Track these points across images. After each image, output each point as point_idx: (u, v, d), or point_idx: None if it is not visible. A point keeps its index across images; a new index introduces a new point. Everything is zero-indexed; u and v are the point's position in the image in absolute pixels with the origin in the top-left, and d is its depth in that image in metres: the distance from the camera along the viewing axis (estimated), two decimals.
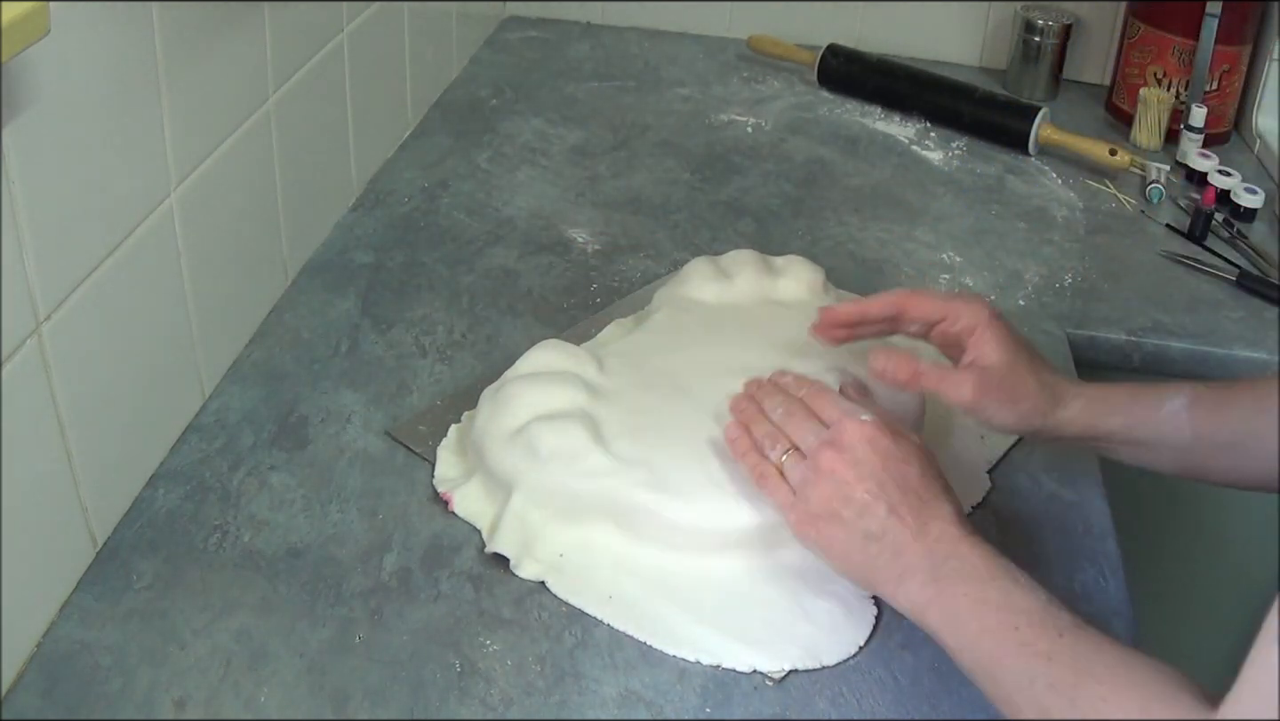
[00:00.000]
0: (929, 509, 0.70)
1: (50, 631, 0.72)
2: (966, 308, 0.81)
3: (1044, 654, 0.61)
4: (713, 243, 1.18)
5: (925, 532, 0.69)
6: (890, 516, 0.69)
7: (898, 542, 0.69)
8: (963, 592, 0.66)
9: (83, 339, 0.73)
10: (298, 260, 1.08)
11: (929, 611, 0.67)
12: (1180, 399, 0.78)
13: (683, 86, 1.53)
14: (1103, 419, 0.79)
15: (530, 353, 0.88)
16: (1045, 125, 1.40)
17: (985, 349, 0.79)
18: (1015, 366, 0.79)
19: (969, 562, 0.67)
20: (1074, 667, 0.60)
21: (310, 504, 0.83)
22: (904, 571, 0.68)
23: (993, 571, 0.66)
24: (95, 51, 0.72)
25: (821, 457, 0.72)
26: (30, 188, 0.66)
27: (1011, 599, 0.64)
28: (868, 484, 0.70)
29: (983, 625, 0.64)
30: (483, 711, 0.69)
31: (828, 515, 0.71)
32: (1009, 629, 0.63)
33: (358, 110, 1.17)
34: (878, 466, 0.71)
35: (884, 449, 0.71)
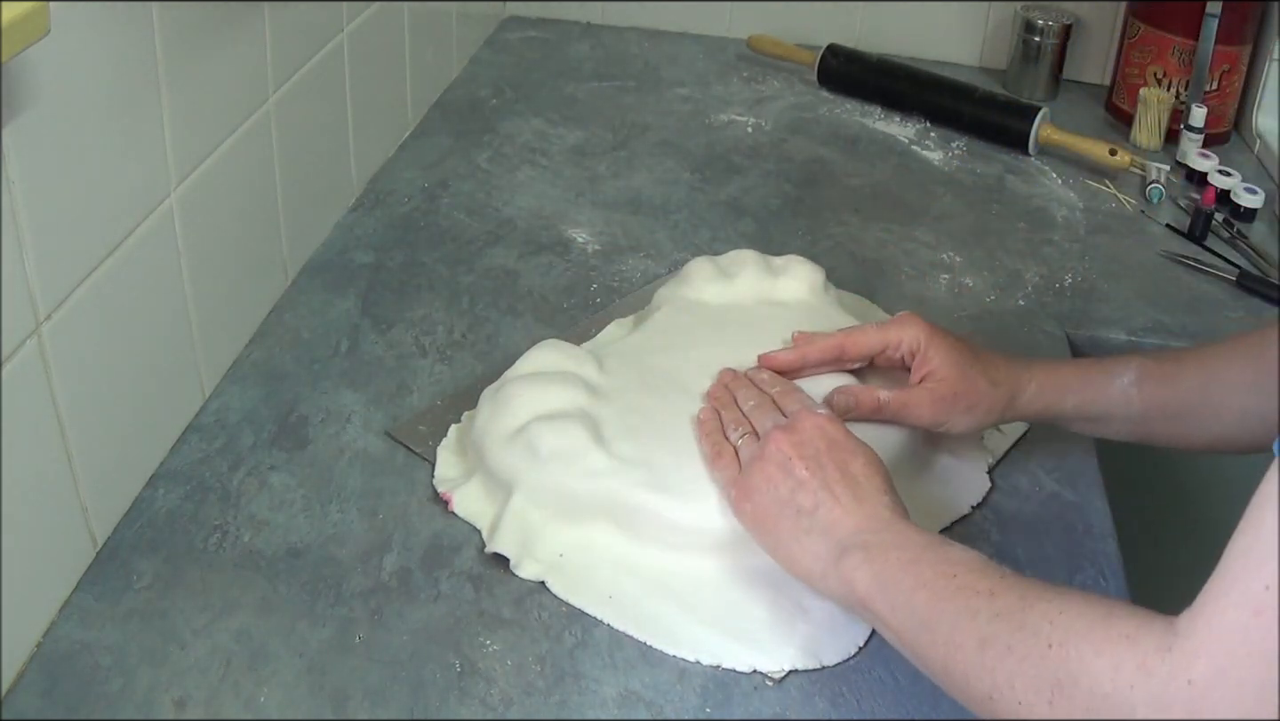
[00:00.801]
0: (864, 493, 0.70)
1: (50, 631, 0.72)
2: (904, 331, 0.83)
3: (986, 591, 0.59)
4: (713, 243, 1.18)
5: (858, 510, 0.69)
6: (824, 492, 0.70)
7: (830, 518, 0.69)
8: (894, 557, 0.65)
9: (83, 339, 0.73)
10: (298, 260, 1.08)
11: (857, 580, 0.65)
12: (1129, 374, 0.81)
13: (683, 86, 1.53)
14: (1056, 401, 0.83)
15: (530, 352, 0.88)
16: (1045, 125, 1.40)
17: (931, 366, 0.82)
18: (965, 374, 0.81)
19: (903, 534, 0.67)
20: (1020, 595, 0.58)
21: (310, 504, 0.83)
22: (833, 548, 0.68)
23: (927, 540, 0.66)
24: (95, 51, 0.72)
25: (770, 438, 0.73)
26: (30, 188, 0.66)
27: (948, 555, 0.64)
28: (808, 462, 0.71)
29: (918, 579, 0.63)
30: (483, 711, 0.69)
31: (766, 488, 0.72)
32: (946, 577, 0.62)
33: (358, 110, 1.17)
34: (821, 449, 0.71)
35: (832, 436, 0.72)
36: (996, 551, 0.82)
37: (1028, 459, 0.91)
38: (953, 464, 0.88)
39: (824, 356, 0.85)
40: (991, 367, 0.82)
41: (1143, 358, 0.82)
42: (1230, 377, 0.79)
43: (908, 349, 0.83)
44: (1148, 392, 0.81)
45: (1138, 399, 0.81)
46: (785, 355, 0.86)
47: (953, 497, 0.86)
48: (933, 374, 0.82)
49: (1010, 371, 0.83)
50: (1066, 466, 0.91)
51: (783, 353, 0.86)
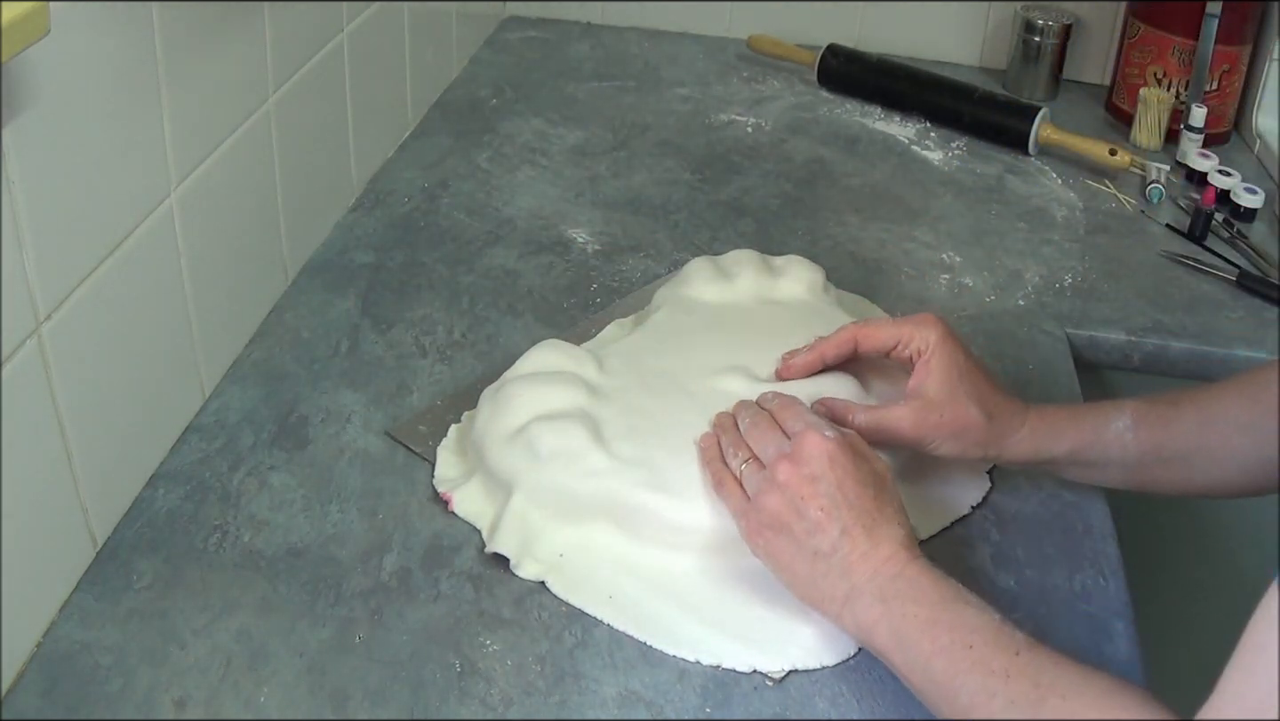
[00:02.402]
0: (880, 531, 0.69)
1: (50, 631, 0.72)
2: (917, 331, 0.81)
3: (1001, 671, 0.61)
4: (713, 243, 1.18)
5: (874, 554, 0.68)
6: (842, 537, 0.69)
7: (846, 562, 0.69)
8: (913, 613, 0.65)
9: (83, 339, 0.73)
10: (298, 260, 1.08)
11: (876, 631, 0.67)
12: (1125, 419, 0.79)
13: (683, 86, 1.53)
14: (1048, 445, 0.80)
15: (530, 352, 0.88)
16: (1045, 125, 1.40)
17: (928, 378, 0.80)
18: (957, 397, 0.79)
19: (918, 584, 0.67)
20: (1035, 682, 0.59)
21: (310, 504, 0.83)
22: (851, 591, 0.68)
23: (943, 593, 0.66)
24: (95, 51, 0.72)
25: (778, 469, 0.71)
26: (30, 188, 0.66)
27: (963, 618, 0.64)
28: (822, 501, 0.70)
29: (935, 645, 0.64)
30: (483, 711, 0.69)
31: (778, 527, 0.71)
32: (963, 647, 0.62)
33: (358, 110, 1.17)
34: (833, 484, 0.70)
35: (842, 466, 0.70)
36: (996, 551, 0.82)
37: None
38: (953, 464, 0.88)
39: (840, 350, 0.84)
40: (988, 398, 0.80)
41: (1138, 401, 0.81)
42: (1228, 419, 0.78)
43: (916, 349, 0.81)
44: (1143, 437, 0.79)
45: (1133, 444, 0.79)
46: (804, 359, 0.85)
47: (953, 497, 0.86)
48: (926, 387, 0.79)
49: (1008, 408, 0.80)
50: None
51: (801, 357, 0.85)
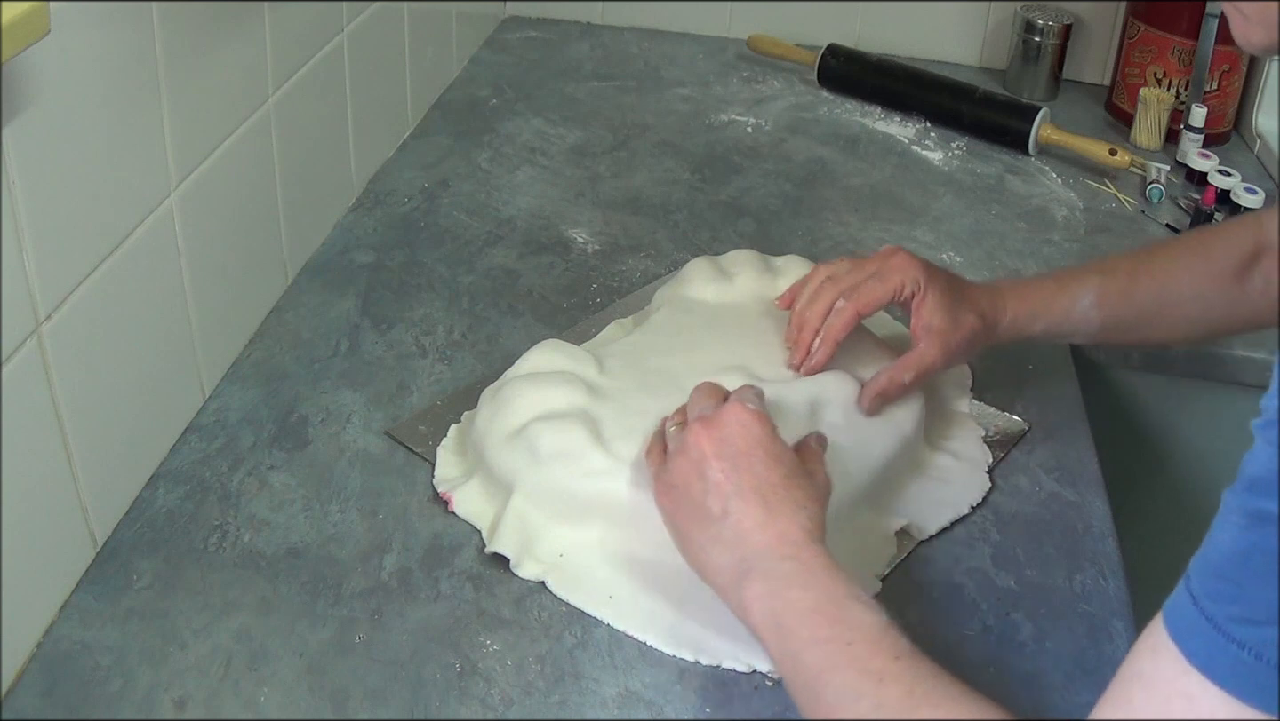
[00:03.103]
0: (779, 507, 0.66)
1: (50, 631, 0.72)
2: (904, 275, 0.85)
3: (876, 674, 0.58)
4: (713, 243, 1.18)
5: (769, 526, 0.66)
6: (737, 500, 0.67)
7: (738, 529, 0.66)
8: (795, 598, 0.62)
9: (83, 339, 0.73)
10: (298, 260, 1.08)
11: (753, 610, 0.64)
12: (1090, 296, 0.88)
13: (683, 86, 1.53)
14: (1027, 326, 0.89)
15: (530, 353, 0.88)
16: (1045, 125, 1.40)
17: (931, 310, 0.85)
18: (959, 318, 0.85)
19: (808, 571, 0.63)
20: (909, 691, 0.57)
21: (310, 504, 0.83)
22: (738, 564, 0.65)
23: (833, 586, 0.63)
24: (95, 51, 0.72)
25: (692, 429, 0.70)
26: (30, 188, 0.66)
27: (848, 613, 0.61)
28: (724, 464, 0.68)
29: (813, 635, 0.61)
30: (483, 711, 0.69)
31: (681, 487, 0.69)
32: (841, 642, 0.60)
33: (358, 110, 1.17)
34: (741, 450, 0.68)
35: (755, 438, 0.69)
36: (996, 551, 0.82)
37: (1028, 459, 0.91)
38: (953, 464, 0.88)
39: (848, 329, 0.85)
40: (977, 303, 0.86)
41: (1099, 276, 0.89)
42: (1179, 290, 0.88)
43: (909, 292, 0.85)
44: (1106, 312, 0.88)
45: (1097, 318, 0.88)
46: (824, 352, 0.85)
47: (953, 497, 0.86)
48: (933, 321, 0.84)
49: (990, 302, 0.87)
50: (1066, 466, 0.91)
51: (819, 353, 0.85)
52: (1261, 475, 0.46)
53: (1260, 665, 0.45)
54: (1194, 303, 0.88)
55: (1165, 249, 0.90)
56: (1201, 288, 0.87)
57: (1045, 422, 0.94)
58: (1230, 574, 0.46)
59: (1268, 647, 0.44)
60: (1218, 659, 0.46)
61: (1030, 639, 0.76)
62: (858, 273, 0.87)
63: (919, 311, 0.85)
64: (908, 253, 0.86)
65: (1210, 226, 0.98)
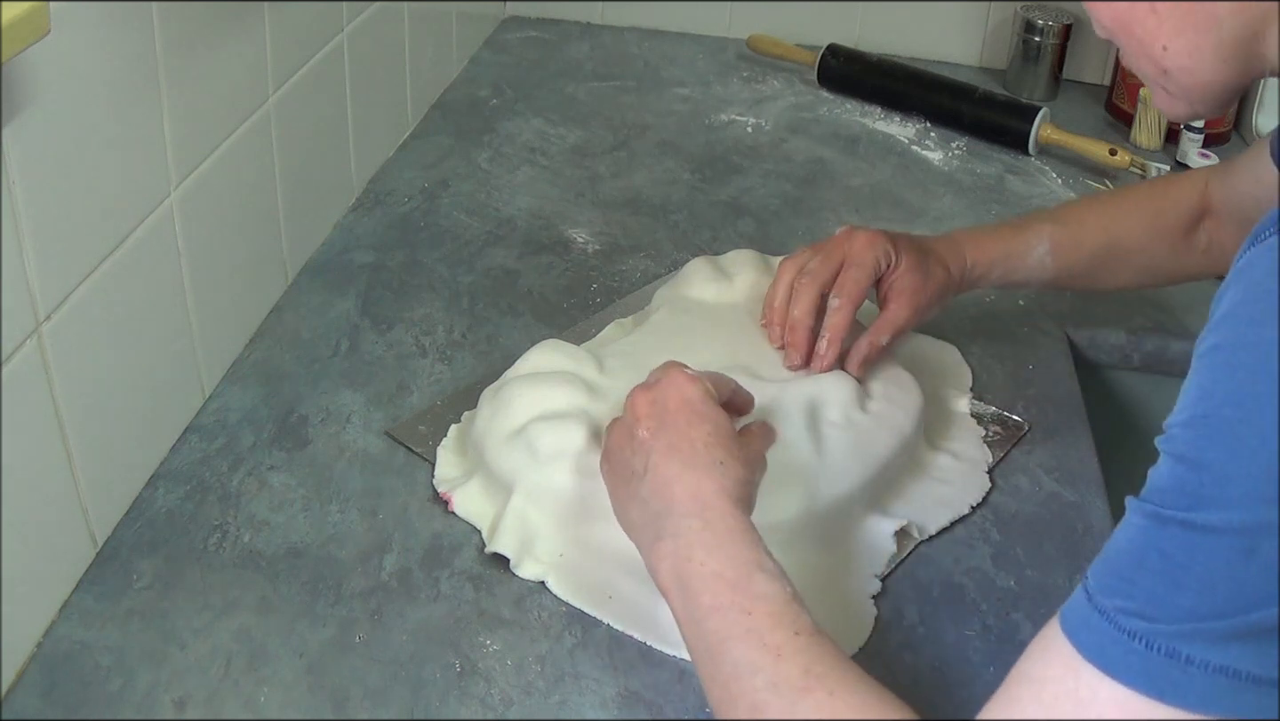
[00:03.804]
0: (701, 467, 0.66)
1: (50, 631, 0.72)
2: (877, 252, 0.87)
3: (774, 648, 0.58)
4: (713, 243, 1.18)
5: (681, 482, 0.65)
6: (658, 456, 0.67)
7: (654, 485, 0.66)
8: (701, 560, 0.62)
9: (83, 339, 0.73)
10: (298, 260, 1.08)
11: (661, 570, 0.64)
12: (1044, 244, 0.92)
13: (683, 86, 1.53)
14: (985, 275, 0.92)
15: (530, 353, 0.88)
16: (1045, 125, 1.40)
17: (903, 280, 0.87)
18: (929, 276, 0.88)
19: (720, 536, 0.63)
20: (806, 670, 0.57)
21: (310, 504, 0.83)
22: (653, 520, 0.65)
23: (741, 548, 0.62)
24: (95, 51, 0.72)
25: (632, 395, 0.71)
26: (30, 188, 0.66)
27: (753, 582, 0.61)
28: (650, 423, 0.68)
29: (715, 600, 0.60)
30: (483, 711, 0.69)
31: (615, 448, 0.71)
32: (741, 612, 0.59)
33: (358, 110, 1.17)
34: (669, 410, 0.68)
35: (687, 398, 0.69)
36: (996, 551, 0.82)
37: (1028, 459, 0.91)
38: (953, 464, 0.88)
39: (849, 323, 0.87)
40: (940, 255, 0.89)
41: (1053, 225, 0.93)
42: (1128, 240, 0.92)
43: (885, 265, 0.87)
44: (1059, 260, 0.92)
45: (1050, 266, 0.92)
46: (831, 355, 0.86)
47: (953, 497, 0.86)
48: (900, 283, 0.87)
49: (952, 254, 0.90)
50: (1066, 466, 0.90)
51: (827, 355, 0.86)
52: (1161, 485, 0.49)
53: (1150, 654, 0.47)
54: (1141, 255, 0.93)
55: (1114, 201, 0.96)
56: (1148, 242, 0.92)
57: (1045, 423, 0.94)
58: (1125, 572, 0.49)
59: (1156, 639, 0.47)
60: (1109, 650, 0.48)
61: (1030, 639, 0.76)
62: (827, 261, 0.87)
63: (890, 277, 0.88)
64: (865, 229, 0.88)
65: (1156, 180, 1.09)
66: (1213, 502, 0.46)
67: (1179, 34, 0.58)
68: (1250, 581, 0.45)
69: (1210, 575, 0.46)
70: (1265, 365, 0.45)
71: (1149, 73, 0.62)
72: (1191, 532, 0.47)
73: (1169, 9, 0.57)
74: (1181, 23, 0.57)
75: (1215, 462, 0.46)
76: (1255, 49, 0.57)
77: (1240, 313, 0.48)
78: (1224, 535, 0.46)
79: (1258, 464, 0.45)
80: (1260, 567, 0.45)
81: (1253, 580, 0.45)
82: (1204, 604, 0.46)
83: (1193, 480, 0.47)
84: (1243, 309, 0.47)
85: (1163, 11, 0.57)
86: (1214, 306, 0.50)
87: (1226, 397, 0.46)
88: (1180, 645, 0.46)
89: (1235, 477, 0.45)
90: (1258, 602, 0.45)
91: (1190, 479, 0.47)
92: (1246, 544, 0.45)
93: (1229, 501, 0.46)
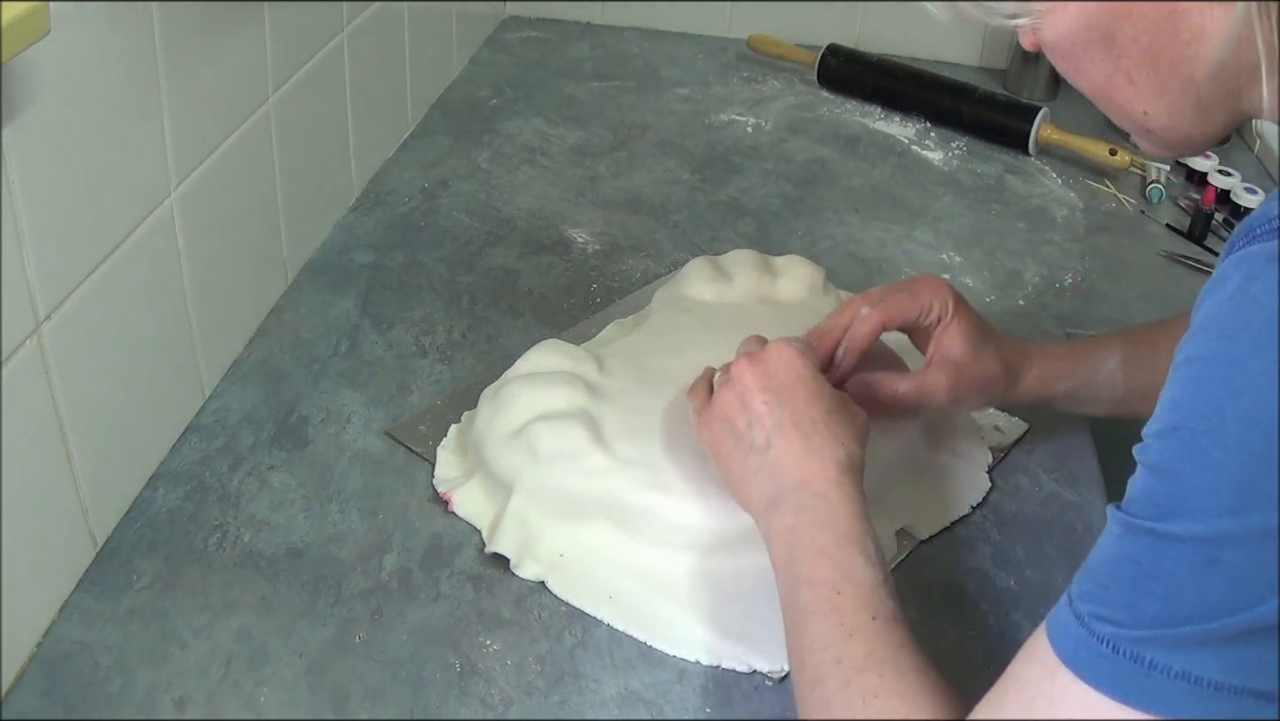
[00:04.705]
0: (818, 441, 0.69)
1: (50, 631, 0.72)
2: (934, 297, 0.83)
3: (848, 629, 0.61)
4: (713, 243, 1.18)
5: (807, 461, 0.69)
6: (777, 433, 0.70)
7: (777, 462, 0.69)
8: (812, 536, 0.66)
9: (83, 339, 0.73)
10: (298, 260, 1.08)
11: (776, 540, 0.68)
12: (1115, 359, 0.85)
13: (683, 86, 1.53)
14: (1050, 387, 0.86)
15: (530, 353, 0.88)
16: (1045, 125, 1.40)
17: (952, 340, 0.82)
18: (979, 354, 0.82)
19: (832, 510, 0.67)
20: (866, 653, 0.60)
21: (310, 504, 0.83)
22: (775, 495, 0.69)
23: (849, 531, 0.66)
24: (95, 51, 0.72)
25: (738, 365, 0.73)
26: (30, 188, 0.66)
27: (850, 562, 0.64)
28: (767, 396, 0.70)
29: (813, 574, 0.64)
30: (483, 711, 0.69)
31: (725, 419, 0.72)
32: (832, 590, 0.63)
33: (358, 110, 1.17)
34: (785, 385, 0.71)
35: (799, 372, 0.72)
36: (996, 551, 0.82)
37: (1028, 459, 0.91)
38: (953, 464, 0.88)
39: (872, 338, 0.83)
40: (1001, 350, 0.84)
41: (1124, 342, 0.86)
42: None
43: (935, 316, 0.83)
44: (1129, 375, 0.85)
45: (1121, 383, 0.85)
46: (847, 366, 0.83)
47: (953, 497, 0.86)
48: (951, 350, 0.81)
49: (1017, 357, 0.84)
50: (1066, 466, 0.91)
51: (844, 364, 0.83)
52: (1135, 495, 0.50)
53: (1117, 658, 0.48)
54: None
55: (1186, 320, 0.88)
56: None
57: (1045, 423, 0.94)
58: (1101, 579, 0.51)
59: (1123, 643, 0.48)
60: (1081, 653, 0.50)
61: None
62: (887, 288, 0.85)
63: (940, 337, 0.82)
64: (945, 281, 0.84)
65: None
66: (1179, 512, 0.47)
67: (1158, 99, 0.58)
68: (1213, 590, 0.46)
69: (1175, 583, 0.47)
70: (1233, 379, 0.46)
71: (1132, 129, 0.63)
72: (1159, 541, 0.48)
73: (1146, 79, 0.58)
74: (1160, 89, 0.58)
75: (1182, 473, 0.48)
76: (1236, 104, 0.58)
77: (1212, 325, 0.49)
78: (1188, 544, 0.47)
79: (1222, 476, 0.46)
80: (1222, 577, 0.46)
81: (1215, 589, 0.46)
82: (1169, 610, 0.48)
83: (1161, 490, 0.49)
84: (1215, 321, 0.48)
85: (1140, 82, 0.58)
86: (1194, 313, 0.51)
87: (1194, 410, 0.48)
88: (1145, 650, 0.48)
89: (1200, 489, 0.47)
90: (1219, 611, 0.46)
91: (1159, 489, 0.49)
92: (1209, 554, 0.46)
93: (1193, 512, 0.47)
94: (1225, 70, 0.55)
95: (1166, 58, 0.56)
